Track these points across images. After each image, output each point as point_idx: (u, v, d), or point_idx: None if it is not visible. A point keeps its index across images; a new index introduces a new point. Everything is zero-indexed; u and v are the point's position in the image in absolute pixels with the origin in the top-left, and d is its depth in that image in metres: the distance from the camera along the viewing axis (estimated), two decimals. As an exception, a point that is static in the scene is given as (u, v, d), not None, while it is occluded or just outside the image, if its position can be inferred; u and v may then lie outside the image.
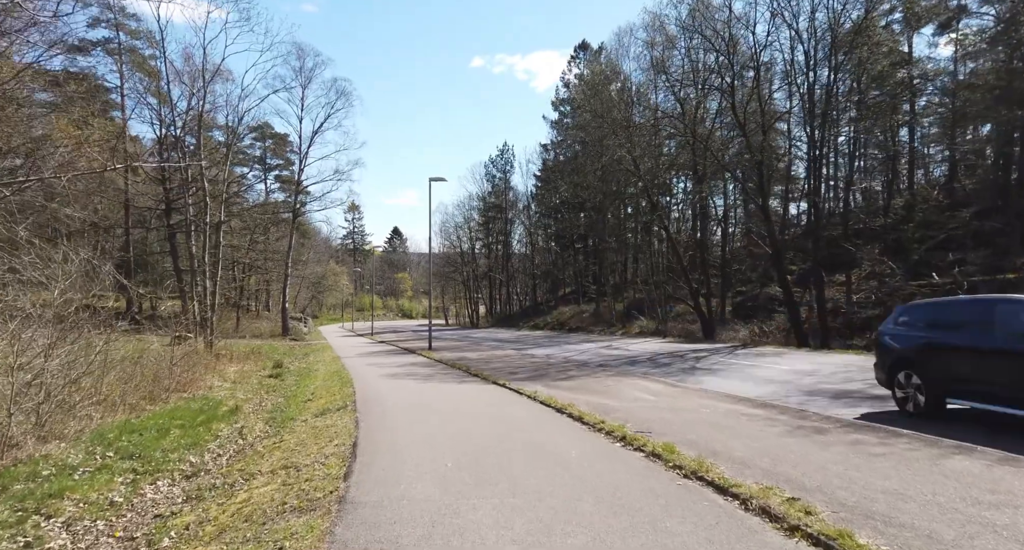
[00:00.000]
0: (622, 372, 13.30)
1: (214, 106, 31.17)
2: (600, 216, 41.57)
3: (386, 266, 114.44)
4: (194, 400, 12.64)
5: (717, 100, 25.04)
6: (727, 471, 4.78)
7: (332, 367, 17.36)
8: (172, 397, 13.24)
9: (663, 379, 11.85)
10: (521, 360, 17.33)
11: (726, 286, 34.15)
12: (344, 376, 13.89)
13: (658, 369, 13.95)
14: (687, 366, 14.45)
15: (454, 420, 7.77)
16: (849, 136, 26.49)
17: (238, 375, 17.21)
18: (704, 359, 16.01)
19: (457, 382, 12.36)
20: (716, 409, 8.09)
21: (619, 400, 9.21)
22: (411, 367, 16.18)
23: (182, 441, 7.94)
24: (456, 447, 6.11)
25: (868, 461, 5.05)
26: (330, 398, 10.52)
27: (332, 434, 7.12)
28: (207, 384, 15.14)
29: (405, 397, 10.22)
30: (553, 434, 6.70)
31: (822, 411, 7.70)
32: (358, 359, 19.79)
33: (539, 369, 14.49)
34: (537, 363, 16.12)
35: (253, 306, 57.86)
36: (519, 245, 62.91)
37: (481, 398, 9.93)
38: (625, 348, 21.39)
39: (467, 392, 10.74)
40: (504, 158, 59.64)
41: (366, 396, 10.35)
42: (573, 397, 9.51)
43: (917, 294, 24.03)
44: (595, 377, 12.46)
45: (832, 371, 12.16)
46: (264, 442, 7.84)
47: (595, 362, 16.18)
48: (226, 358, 20.80)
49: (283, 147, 55.51)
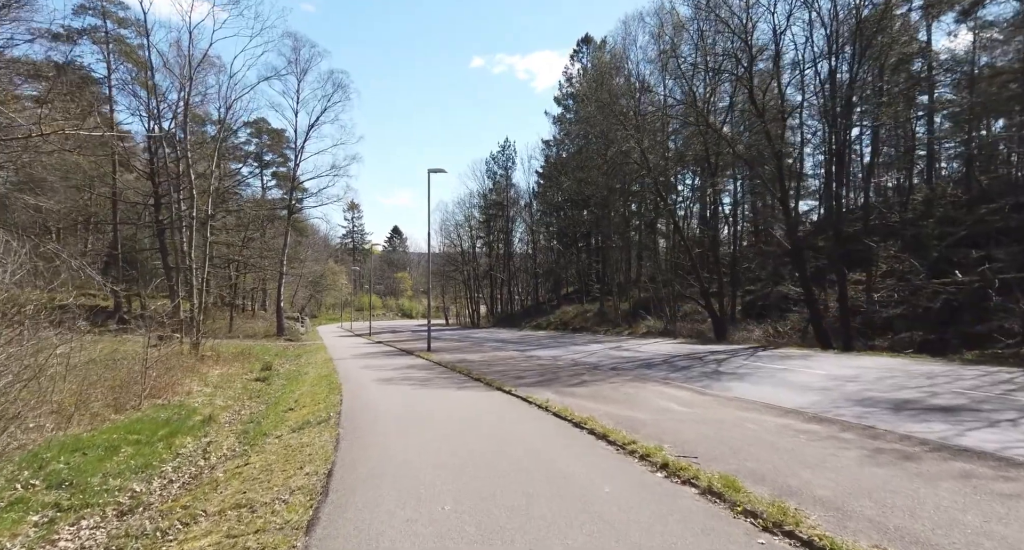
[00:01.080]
0: (640, 377, 12.05)
1: (205, 97, 30.01)
2: (605, 212, 40.29)
3: (386, 265, 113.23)
4: (166, 407, 11.42)
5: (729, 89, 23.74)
6: (823, 523, 3.54)
7: (323, 370, 16.12)
8: (145, 404, 12.04)
9: (687, 385, 10.61)
10: (526, 362, 16.09)
11: (735, 285, 32.92)
12: (333, 381, 12.64)
13: (678, 373, 12.70)
14: (709, 370, 13.20)
15: (453, 439, 6.53)
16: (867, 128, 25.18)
17: (222, 379, 15.98)
18: (726, 362, 14.76)
19: (457, 388, 11.13)
20: (763, 424, 6.84)
21: (645, 411, 7.97)
22: (407, 370, 14.94)
23: (132, 462, 6.70)
24: (456, 480, 4.86)
25: (1007, 506, 3.81)
26: (314, 408, 9.28)
27: (306, 457, 5.88)
28: (185, 389, 13.92)
29: (397, 407, 8.98)
30: (576, 459, 5.46)
31: (892, 428, 6.45)
32: (352, 361, 18.56)
33: (547, 373, 13.26)
34: (544, 366, 14.89)
35: (249, 306, 56.68)
36: (520, 244, 61.72)
37: (485, 408, 8.69)
38: (636, 349, 20.15)
39: (468, 401, 9.50)
40: (505, 154, 58.40)
41: (354, 405, 9.11)
42: (591, 407, 8.28)
43: (942, 293, 22.85)
44: (610, 382, 11.22)
45: (876, 377, 10.90)
46: (227, 464, 6.60)
47: (606, 365, 14.94)
48: (212, 360, 19.59)
49: (280, 143, 54.22)
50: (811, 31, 20.05)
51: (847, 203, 37.59)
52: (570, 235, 52.51)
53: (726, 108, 26.78)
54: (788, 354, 16.45)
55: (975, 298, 21.39)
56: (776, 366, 13.43)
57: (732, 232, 38.76)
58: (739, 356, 16.23)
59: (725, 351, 18.21)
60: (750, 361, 14.74)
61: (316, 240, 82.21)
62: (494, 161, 58.96)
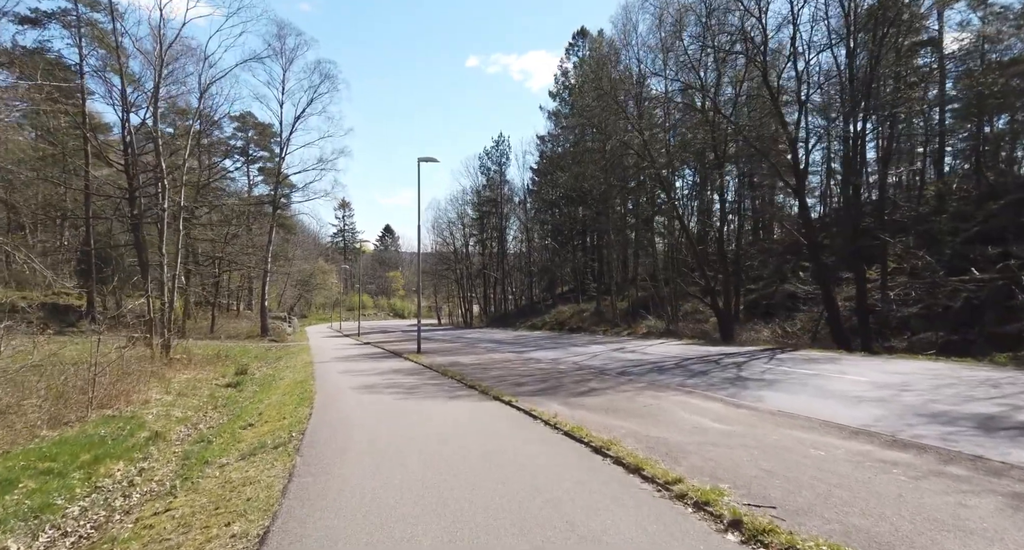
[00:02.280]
0: (655, 384, 10.62)
1: (184, 85, 28.31)
2: (603, 208, 38.89)
3: (377, 264, 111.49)
4: (112, 420, 9.87)
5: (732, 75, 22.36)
6: None
7: (300, 375, 14.58)
8: (93, 415, 10.50)
9: (713, 395, 9.18)
10: (525, 366, 14.63)
11: (738, 283, 31.62)
12: (307, 389, 11.12)
13: (696, 379, 11.29)
14: (730, 375, 11.79)
15: (442, 471, 5.07)
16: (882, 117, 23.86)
17: (188, 385, 14.41)
18: (746, 366, 13.36)
19: (448, 397, 9.65)
20: (833, 451, 5.42)
21: (676, 430, 6.53)
22: (393, 375, 13.44)
23: (26, 503, 5.19)
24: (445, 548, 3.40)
25: None
26: (277, 424, 7.77)
27: (243, 502, 4.39)
28: (143, 397, 12.35)
29: (375, 422, 7.50)
30: (607, 508, 4.01)
31: (1005, 458, 5.04)
32: (334, 364, 17.02)
33: (549, 378, 11.80)
34: (545, 370, 13.43)
35: (235, 305, 54.89)
36: (514, 242, 60.23)
37: (482, 425, 7.22)
38: (641, 351, 18.74)
39: (461, 415, 8.03)
40: (499, 150, 56.89)
41: (324, 422, 7.62)
42: (608, 424, 6.84)
43: (962, 290, 21.63)
44: (622, 391, 9.78)
45: (931, 385, 9.51)
46: (146, 508, 5.09)
47: (613, 368, 13.51)
48: (183, 363, 17.99)
49: (266, 137, 52.43)
50: (827, 9, 18.65)
51: None
52: (566, 232, 51.09)
53: (729, 100, 25.42)
54: (810, 356, 15.08)
55: (998, 296, 20.16)
56: (804, 371, 12.03)
57: (733, 229, 37.52)
58: (758, 359, 14.84)
59: (739, 353, 16.83)
60: (771, 365, 13.35)
61: (306, 238, 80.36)
62: (488, 157, 57.49)
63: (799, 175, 18.82)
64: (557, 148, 53.31)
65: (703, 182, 34.21)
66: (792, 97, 19.22)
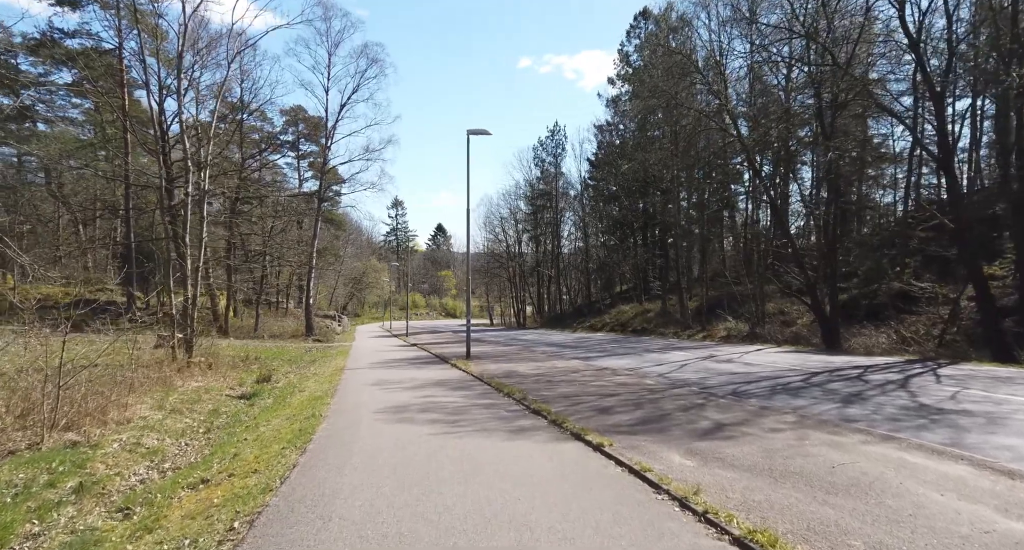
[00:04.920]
0: (808, 417, 7.22)
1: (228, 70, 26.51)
2: (671, 197, 35.07)
3: (430, 264, 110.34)
4: (58, 453, 7.38)
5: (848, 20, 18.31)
6: None
7: (322, 387, 11.92)
8: (51, 440, 8.11)
9: (927, 443, 5.76)
10: (599, 379, 11.45)
11: (831, 281, 27.26)
12: (318, 411, 8.33)
13: (858, 408, 7.81)
14: (906, 403, 8.23)
15: None
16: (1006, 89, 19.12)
17: (192, 396, 11.98)
18: (910, 386, 9.70)
19: (508, 431, 6.63)
20: None
21: (929, 534, 3.26)
22: (435, 389, 10.54)
23: None
24: None
25: None
26: (236, 485, 4.95)
27: None
28: (128, 413, 9.91)
29: (391, 490, 4.56)
30: None
31: None
32: (368, 373, 14.33)
33: (642, 401, 8.59)
34: (629, 387, 10.20)
35: (283, 303, 53.92)
36: (570, 239, 56.82)
37: (565, 500, 4.14)
38: (739, 360, 15.20)
39: (530, 469, 4.98)
40: (555, 140, 53.61)
41: (305, 485, 4.74)
42: (807, 518, 3.62)
43: None
44: (768, 429, 6.47)
45: None
46: None
47: (719, 385, 10.15)
48: (200, 367, 15.76)
49: (317, 131, 51.18)
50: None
51: (965, 183, 31.39)
52: (627, 227, 47.26)
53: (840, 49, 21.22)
54: (995, 374, 11.22)
55: None
56: (1017, 397, 8.33)
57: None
58: (913, 375, 11.12)
59: (872, 366, 13.08)
60: (949, 386, 9.64)
61: (358, 236, 79.49)
62: (542, 147, 54.32)
63: (943, 143, 14.73)
64: (616, 138, 49.65)
65: (788, 163, 29.83)
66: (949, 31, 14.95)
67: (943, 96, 14.39)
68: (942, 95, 14.30)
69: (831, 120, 19.08)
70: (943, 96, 14.39)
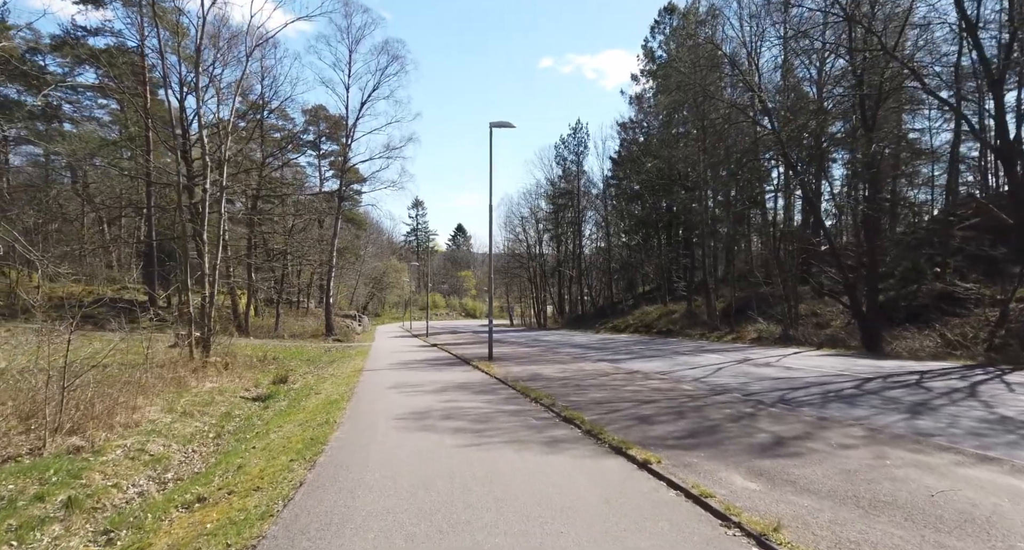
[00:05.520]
0: (878, 431, 6.40)
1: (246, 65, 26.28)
2: (698, 195, 34.03)
3: (450, 264, 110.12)
4: (57, 460, 6.91)
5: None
6: None
7: (339, 389, 11.38)
8: (53, 445, 7.67)
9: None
10: (632, 384, 10.71)
11: (871, 281, 26.03)
12: (333, 417, 7.77)
13: (930, 420, 6.98)
14: (984, 414, 7.36)
15: None
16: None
17: (206, 398, 11.53)
18: (982, 396, 8.79)
19: (541, 443, 5.95)
20: None
21: None
22: (457, 393, 9.91)
23: None
24: None
25: None
26: (236, 505, 4.36)
27: None
28: (137, 416, 9.45)
29: (412, 506, 3.93)
30: None
31: None
32: (387, 374, 13.78)
33: (683, 409, 7.84)
34: (667, 393, 9.44)
35: (305, 302, 53.92)
36: (591, 239, 55.85)
37: (617, 535, 3.45)
38: (778, 364, 14.32)
39: (573, 493, 4.30)
40: (577, 138, 52.73)
41: (311, 509, 4.13)
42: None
43: None
44: (835, 445, 5.69)
45: None
46: None
47: (763, 392, 9.34)
48: (216, 367, 15.37)
49: (338, 130, 51.12)
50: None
51: (995, 183, 29.90)
52: (651, 226, 46.19)
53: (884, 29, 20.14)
54: (1070, 382, 10.22)
55: None
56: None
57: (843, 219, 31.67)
58: (987, 384, 10.17)
59: (924, 371, 12.15)
60: None
61: (378, 236, 79.43)
62: (564, 145, 53.49)
63: (1002, 132, 13.66)
64: (639, 135, 48.64)
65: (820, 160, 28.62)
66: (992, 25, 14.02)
67: (1001, 83, 13.32)
68: (1000, 82, 13.24)
69: (873, 111, 18.05)
70: (1001, 83, 13.32)
